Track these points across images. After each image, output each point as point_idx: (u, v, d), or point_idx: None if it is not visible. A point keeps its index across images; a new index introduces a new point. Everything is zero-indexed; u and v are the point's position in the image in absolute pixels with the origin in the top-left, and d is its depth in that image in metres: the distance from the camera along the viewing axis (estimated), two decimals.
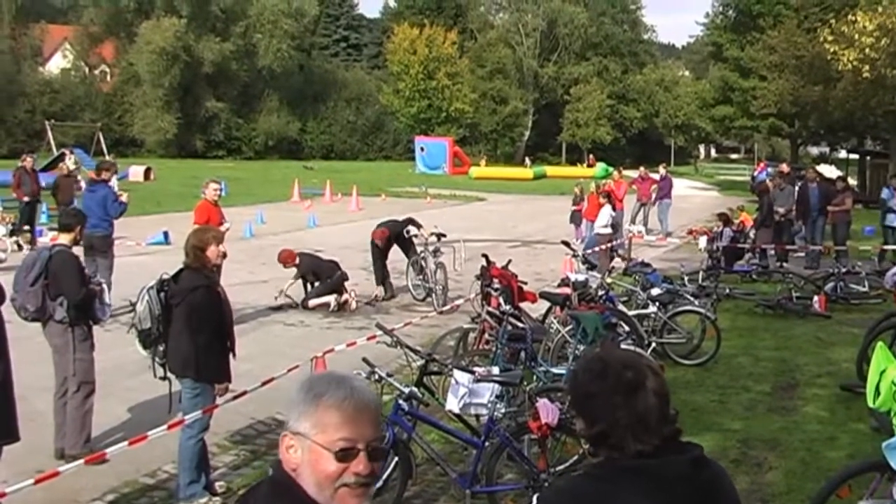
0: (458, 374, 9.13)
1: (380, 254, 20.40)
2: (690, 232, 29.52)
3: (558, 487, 3.49)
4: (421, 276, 20.38)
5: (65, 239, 10.61)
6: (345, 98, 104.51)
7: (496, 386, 8.85)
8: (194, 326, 9.10)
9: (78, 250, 11.46)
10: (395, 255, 21.12)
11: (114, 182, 48.32)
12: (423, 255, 20.31)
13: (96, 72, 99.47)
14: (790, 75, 55.88)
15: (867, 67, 40.70)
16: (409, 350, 9.39)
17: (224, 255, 9.88)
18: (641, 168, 37.70)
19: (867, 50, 39.84)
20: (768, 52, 58.78)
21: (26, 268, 10.35)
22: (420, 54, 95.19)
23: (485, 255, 14.66)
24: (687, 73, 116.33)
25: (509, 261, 15.20)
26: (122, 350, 12.74)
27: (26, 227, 28.00)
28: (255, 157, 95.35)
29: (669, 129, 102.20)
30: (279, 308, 19.15)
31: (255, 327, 17.45)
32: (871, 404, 8.08)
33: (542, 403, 8.32)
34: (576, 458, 9.21)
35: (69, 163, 47.75)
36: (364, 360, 8.92)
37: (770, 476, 9.96)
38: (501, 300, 13.23)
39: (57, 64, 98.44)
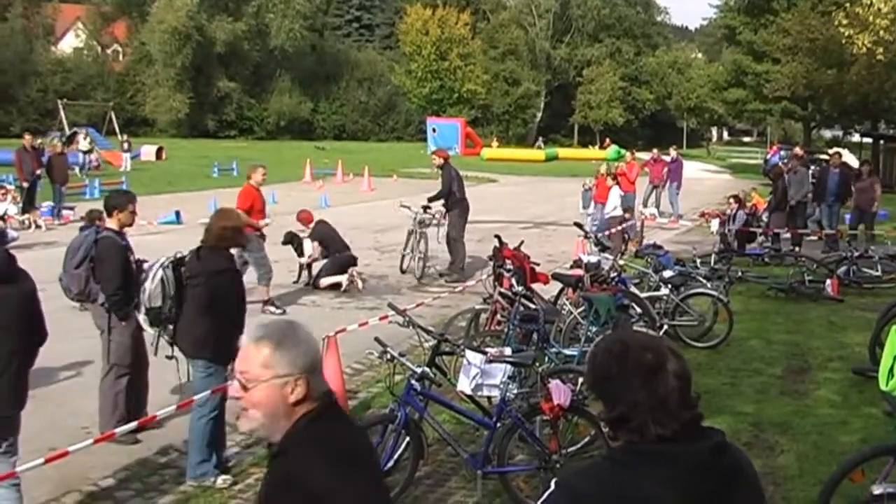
0: (470, 354, 9.11)
1: None
2: (702, 214, 29.51)
3: (578, 470, 3.46)
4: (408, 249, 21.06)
5: (112, 222, 10.33)
6: (357, 78, 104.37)
7: (508, 367, 8.82)
8: (215, 308, 9.07)
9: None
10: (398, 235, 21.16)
11: (126, 159, 48.56)
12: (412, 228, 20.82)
13: (108, 51, 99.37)
14: (804, 58, 55.67)
15: (881, 50, 40.39)
16: (421, 330, 9.36)
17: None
18: (654, 150, 37.54)
19: (882, 33, 39.52)
20: (782, 35, 58.55)
21: (72, 250, 10.46)
22: (432, 35, 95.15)
23: (497, 237, 14.60)
24: (700, 55, 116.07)
25: (521, 242, 15.14)
26: None
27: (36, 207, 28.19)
28: (266, 137, 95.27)
29: (682, 111, 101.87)
30: (291, 287, 19.21)
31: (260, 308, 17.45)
32: (883, 387, 8.05)
33: (555, 385, 8.30)
34: (587, 439, 9.19)
35: (84, 142, 48.07)
36: (376, 339, 8.91)
37: (782, 459, 9.93)
38: (514, 281, 13.19)
39: (69, 43, 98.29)
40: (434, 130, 78.25)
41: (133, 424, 9.31)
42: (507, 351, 9.35)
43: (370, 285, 19.69)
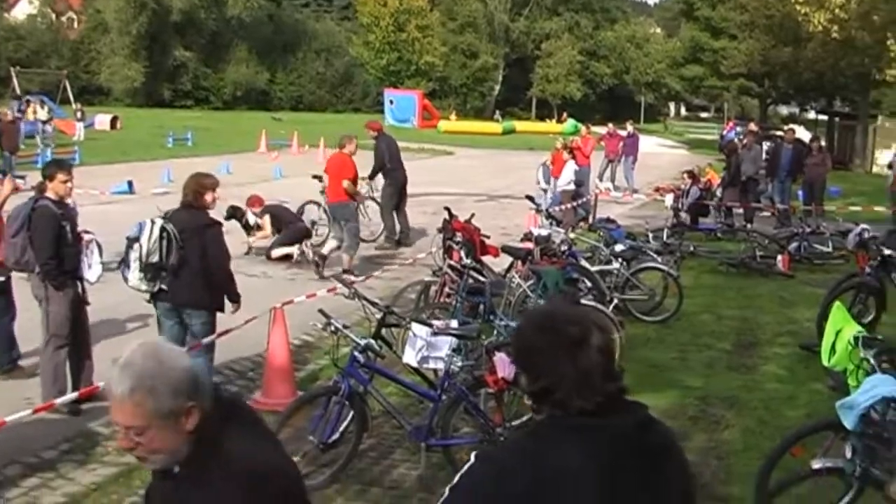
0: (415, 326, 9.03)
1: None
2: (657, 189, 29.53)
3: (500, 444, 3.42)
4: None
5: (50, 191, 10.21)
6: (314, 49, 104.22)
7: (453, 339, 8.76)
8: (210, 260, 9.67)
9: None
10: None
11: (80, 128, 48.01)
12: None
13: (63, 18, 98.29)
14: (761, 35, 55.79)
15: (837, 28, 40.64)
16: (367, 302, 9.27)
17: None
18: (609, 125, 37.55)
19: (837, 11, 39.77)
20: (739, 12, 58.67)
21: (12, 219, 10.27)
22: (391, 6, 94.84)
23: (447, 209, 14.53)
24: (658, 30, 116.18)
25: (472, 215, 15.11)
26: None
27: None
28: (223, 107, 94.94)
29: (640, 86, 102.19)
30: (242, 259, 19.07)
31: None
32: (825, 363, 8.08)
33: (499, 358, 8.22)
34: (525, 418, 9.14)
35: (42, 111, 47.39)
36: (320, 311, 8.82)
37: (727, 434, 9.95)
38: (462, 254, 13.13)
39: (23, 10, 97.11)
40: (391, 102, 78.08)
41: (73, 395, 9.26)
42: (454, 323, 9.29)
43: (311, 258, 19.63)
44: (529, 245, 13.87)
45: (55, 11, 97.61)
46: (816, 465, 6.60)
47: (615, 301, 14.45)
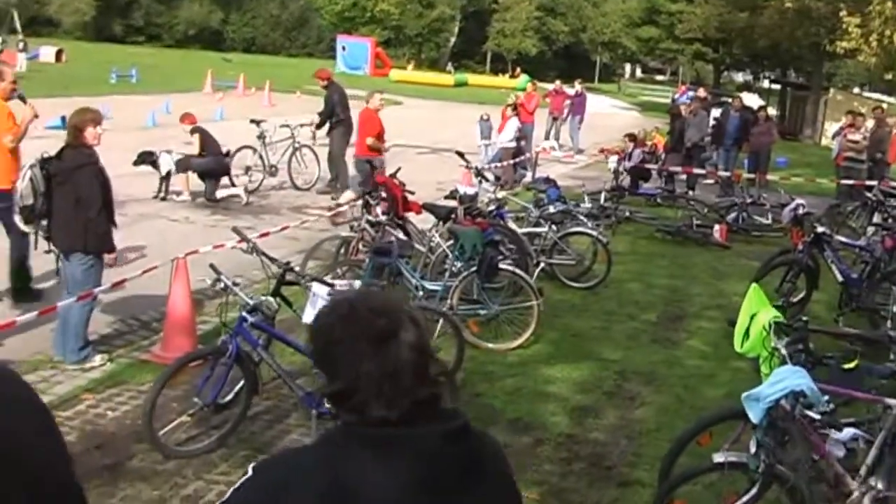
0: (316, 286, 8.51)
1: None
2: (602, 150, 29.03)
3: (278, 455, 2.89)
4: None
5: None
6: None
7: None
8: (81, 203, 9.39)
9: None
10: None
11: (22, 60, 47.03)
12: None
13: None
14: (717, 0, 55.48)
15: None
16: (265, 258, 8.71)
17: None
18: (557, 82, 37.07)
19: None
20: None
21: None
22: None
23: (368, 161, 14.01)
24: None
25: (398, 168, 14.54)
26: None
27: None
28: (175, 45, 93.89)
29: (596, 45, 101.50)
30: (164, 201, 18.54)
31: (135, 220, 16.69)
32: (738, 348, 7.63)
33: None
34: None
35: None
36: (211, 266, 8.27)
37: (641, 412, 9.52)
38: (379, 210, 12.62)
39: None
40: (344, 49, 77.36)
41: None
42: (357, 284, 8.78)
43: (251, 204, 19.14)
44: (453, 203, 13.36)
45: None
46: (719, 458, 6.14)
47: (542, 265, 14.03)
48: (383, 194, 13.23)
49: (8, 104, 11.47)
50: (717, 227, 18.72)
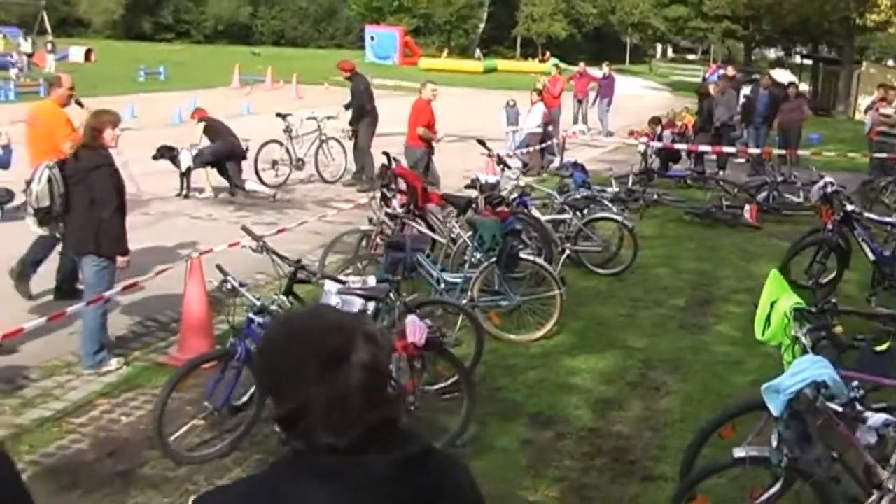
0: (328, 284, 8.34)
1: None
2: (631, 133, 28.71)
3: (220, 487, 2.69)
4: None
5: None
6: None
7: (360, 300, 8.07)
8: (96, 203, 9.30)
9: None
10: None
11: (51, 61, 47.17)
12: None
13: None
14: None
15: None
16: (276, 257, 8.52)
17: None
18: (580, 64, 36.71)
19: None
20: None
21: None
22: None
23: (386, 153, 13.77)
24: None
25: None
26: None
27: None
28: (204, 41, 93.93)
29: (626, 26, 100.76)
30: (187, 198, 18.45)
31: (158, 218, 16.65)
32: (759, 337, 7.37)
33: (410, 320, 7.54)
34: (450, 381, 8.43)
35: (26, 44, 46.13)
36: (217, 267, 8.11)
37: (666, 402, 9.29)
38: (396, 203, 12.43)
39: None
40: (372, 39, 77.07)
41: None
42: (371, 280, 8.57)
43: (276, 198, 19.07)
44: (473, 193, 13.14)
45: None
46: (739, 453, 5.90)
47: (567, 252, 13.79)
48: (402, 186, 13.04)
49: (65, 110, 11.80)
50: (747, 207, 18.40)
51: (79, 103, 12.15)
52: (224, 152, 18.52)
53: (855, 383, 5.96)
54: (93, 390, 9.10)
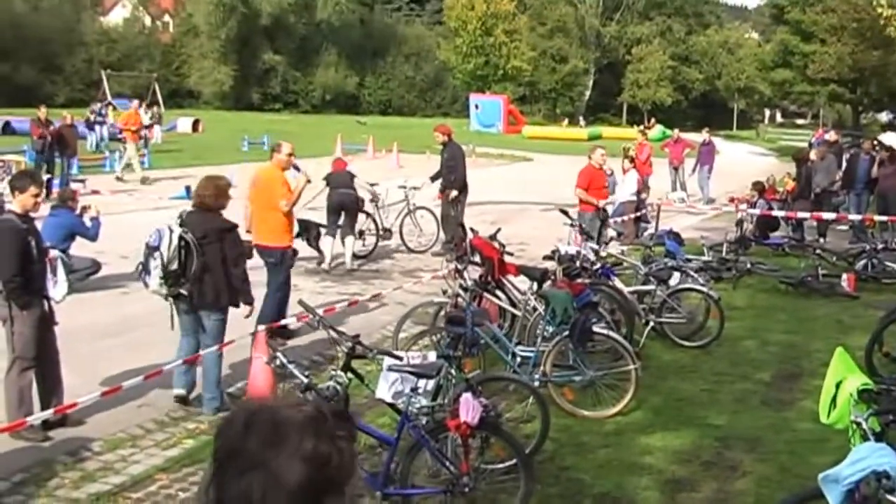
0: (387, 360, 8.18)
1: None
2: (731, 200, 28.25)
3: None
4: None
5: (16, 204, 9.62)
6: (404, 53, 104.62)
7: (411, 377, 7.88)
8: (232, 261, 10.26)
9: None
10: None
11: (158, 132, 48.11)
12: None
13: (158, 22, 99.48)
14: (849, 39, 54.19)
15: None
16: (333, 332, 8.38)
17: None
18: (675, 130, 36.34)
19: None
20: (828, 15, 57.04)
21: None
22: (478, 10, 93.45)
23: (461, 225, 13.62)
24: (755, 35, 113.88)
25: (498, 230, 14.13)
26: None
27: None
28: (311, 111, 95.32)
29: (732, 92, 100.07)
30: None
31: None
32: (823, 420, 6.98)
33: (465, 399, 7.32)
34: (505, 464, 8.17)
35: (145, 116, 47.22)
36: (268, 343, 8.00)
37: (741, 483, 8.91)
38: (466, 276, 12.23)
39: (119, 14, 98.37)
40: (477, 107, 77.50)
41: (45, 413, 9.09)
42: (432, 356, 8.38)
43: (361, 268, 18.94)
44: (551, 264, 12.89)
45: (150, 15, 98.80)
46: None
47: (651, 324, 13.45)
48: (478, 259, 12.85)
49: (284, 173, 13.12)
50: (844, 276, 17.78)
51: (296, 168, 13.44)
52: (336, 204, 19.18)
53: None
54: (153, 465, 9.05)
